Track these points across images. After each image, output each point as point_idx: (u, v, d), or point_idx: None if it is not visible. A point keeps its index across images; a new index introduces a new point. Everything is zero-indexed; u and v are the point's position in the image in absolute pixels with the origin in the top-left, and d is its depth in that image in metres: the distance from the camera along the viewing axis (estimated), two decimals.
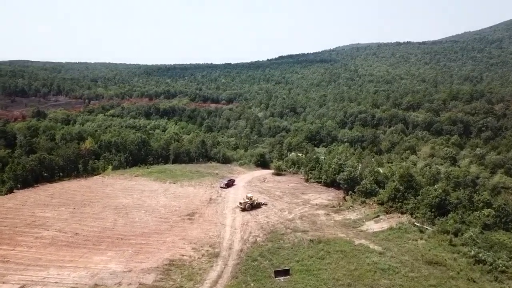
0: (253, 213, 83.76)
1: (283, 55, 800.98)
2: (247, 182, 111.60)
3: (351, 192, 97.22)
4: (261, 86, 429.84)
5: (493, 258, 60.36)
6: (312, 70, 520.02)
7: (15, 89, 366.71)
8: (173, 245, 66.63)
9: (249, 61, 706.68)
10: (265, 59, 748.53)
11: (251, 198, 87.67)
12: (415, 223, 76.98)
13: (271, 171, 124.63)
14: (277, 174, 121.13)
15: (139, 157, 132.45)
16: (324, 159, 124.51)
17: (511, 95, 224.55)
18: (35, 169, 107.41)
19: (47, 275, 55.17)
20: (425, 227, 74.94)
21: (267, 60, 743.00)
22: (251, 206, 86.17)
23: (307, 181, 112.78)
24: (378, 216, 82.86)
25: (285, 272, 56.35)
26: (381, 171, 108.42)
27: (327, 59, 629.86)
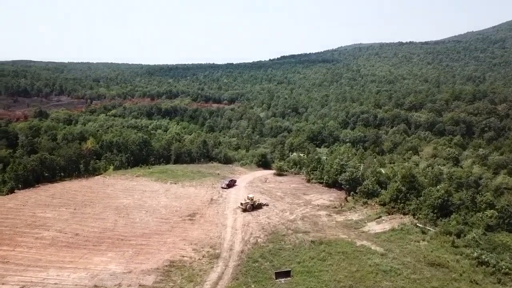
0: (254, 213, 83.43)
1: (285, 55, 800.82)
2: (248, 182, 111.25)
3: (353, 192, 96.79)
4: (263, 86, 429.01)
5: (496, 259, 59.79)
6: (314, 70, 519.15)
7: (18, 89, 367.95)
8: (174, 246, 66.36)
9: (251, 61, 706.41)
10: (267, 59, 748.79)
11: (252, 198, 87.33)
12: (417, 224, 76.47)
13: (273, 172, 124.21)
14: (279, 174, 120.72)
15: (141, 157, 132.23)
16: (326, 159, 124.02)
17: None
18: (36, 169, 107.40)
19: (46, 276, 54.97)
20: (428, 228, 74.44)
21: (269, 60, 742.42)
22: (252, 206, 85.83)
23: (308, 181, 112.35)
24: (380, 217, 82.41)
25: (286, 273, 55.96)
26: (383, 171, 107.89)
27: (329, 59, 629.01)
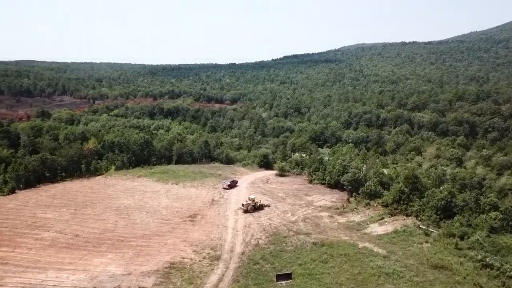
0: (255, 215, 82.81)
1: (288, 55, 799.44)
2: (250, 183, 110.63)
3: (355, 193, 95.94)
4: (266, 86, 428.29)
5: (501, 262, 58.89)
6: (317, 70, 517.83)
7: (21, 89, 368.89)
8: (174, 247, 65.81)
9: (253, 61, 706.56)
10: (270, 59, 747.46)
11: (253, 199, 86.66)
12: (420, 226, 75.63)
13: (274, 172, 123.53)
14: (281, 175, 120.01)
15: (142, 157, 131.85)
16: (328, 160, 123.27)
17: None
18: (38, 169, 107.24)
19: (45, 278, 54.50)
20: (431, 230, 73.61)
21: (272, 60, 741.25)
22: (254, 207, 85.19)
23: (310, 182, 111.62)
24: (382, 218, 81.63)
25: (287, 276, 55.29)
26: (386, 172, 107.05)
27: (332, 59, 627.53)
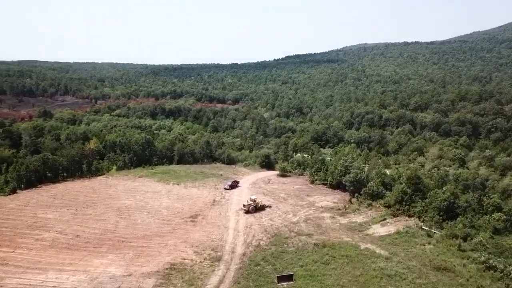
0: (257, 215, 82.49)
1: (290, 55, 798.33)
2: (251, 183, 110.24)
3: (357, 194, 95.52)
4: (268, 86, 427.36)
5: (504, 264, 58.50)
6: (319, 70, 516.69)
7: (23, 89, 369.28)
8: (175, 248, 65.52)
9: (255, 61, 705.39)
10: (272, 59, 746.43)
11: (255, 200, 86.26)
12: (423, 227, 75.16)
13: (276, 173, 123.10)
14: (282, 175, 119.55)
15: (144, 157, 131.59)
16: (330, 160, 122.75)
17: None
18: (39, 170, 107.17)
19: (45, 278, 54.30)
20: (433, 231, 73.12)
21: (274, 60, 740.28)
22: (255, 208, 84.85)
23: (312, 182, 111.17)
24: (384, 219, 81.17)
25: (289, 277, 54.91)
26: (388, 173, 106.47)
27: (334, 59, 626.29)
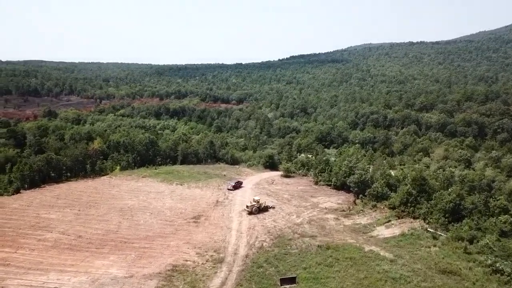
0: (260, 216, 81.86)
1: (295, 55, 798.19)
2: (255, 184, 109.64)
3: (361, 195, 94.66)
4: (272, 86, 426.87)
5: (511, 267, 57.32)
6: (323, 70, 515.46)
7: (28, 89, 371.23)
8: (177, 249, 65.04)
9: (260, 61, 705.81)
10: (277, 59, 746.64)
11: (258, 201, 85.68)
12: (428, 229, 74.18)
13: (280, 173, 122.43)
14: (286, 176, 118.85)
15: (147, 157, 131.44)
16: (334, 161, 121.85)
17: None
18: (42, 169, 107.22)
19: (47, 280, 53.97)
20: (439, 233, 72.12)
21: (278, 60, 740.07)
22: (258, 209, 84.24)
23: (316, 183, 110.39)
24: (389, 221, 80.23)
25: (291, 280, 54.24)
26: (393, 174, 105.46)
27: (339, 59, 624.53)
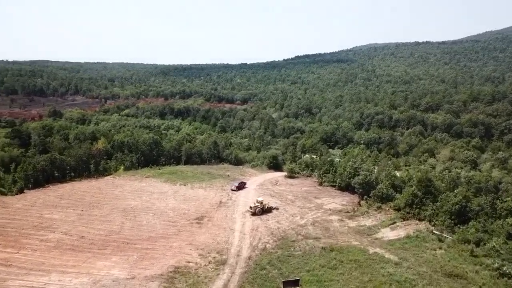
0: (263, 217, 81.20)
1: (300, 55, 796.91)
2: (258, 184, 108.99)
3: (366, 196, 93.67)
4: (277, 86, 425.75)
5: None
6: (328, 70, 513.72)
7: (34, 89, 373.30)
8: (180, 250, 64.57)
9: (265, 61, 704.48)
10: (281, 59, 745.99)
11: (261, 202, 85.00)
12: (434, 231, 73.07)
13: (284, 174, 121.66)
14: (290, 177, 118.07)
15: (151, 157, 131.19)
16: (339, 161, 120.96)
17: None
18: (46, 169, 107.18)
19: (48, 281, 53.68)
20: (445, 235, 71.00)
21: (283, 60, 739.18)
22: (262, 210, 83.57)
23: (320, 184, 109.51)
24: (394, 222, 79.27)
25: (295, 282, 53.50)
26: (398, 175, 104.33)
27: (344, 59, 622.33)
